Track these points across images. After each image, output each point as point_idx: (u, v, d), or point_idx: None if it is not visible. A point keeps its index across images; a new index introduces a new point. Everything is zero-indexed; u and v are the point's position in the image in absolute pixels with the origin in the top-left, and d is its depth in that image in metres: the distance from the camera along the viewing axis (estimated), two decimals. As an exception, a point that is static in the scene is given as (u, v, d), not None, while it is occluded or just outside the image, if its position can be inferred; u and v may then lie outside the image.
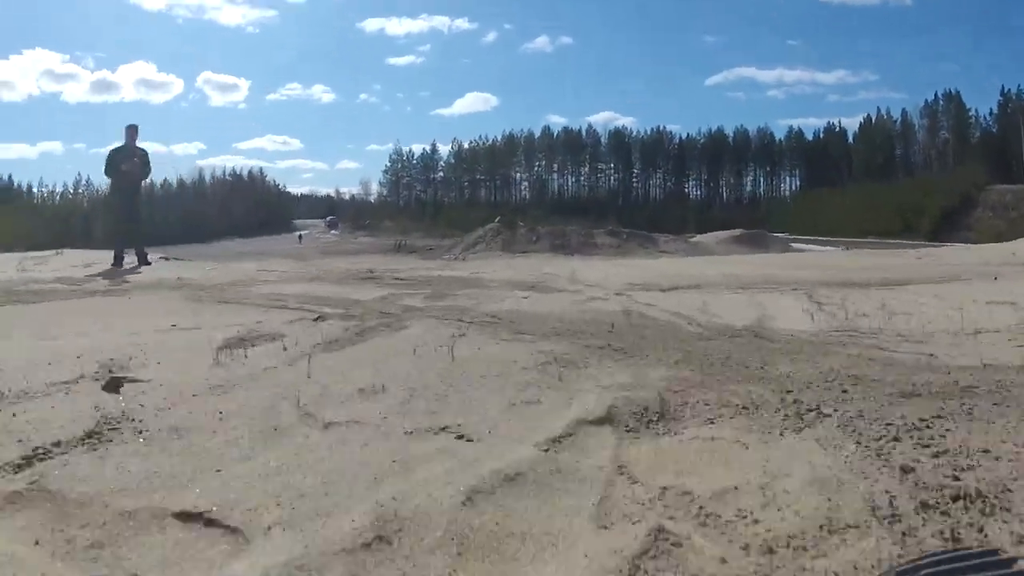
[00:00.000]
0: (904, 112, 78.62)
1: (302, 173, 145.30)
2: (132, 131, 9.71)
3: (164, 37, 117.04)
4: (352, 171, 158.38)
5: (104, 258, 9.55)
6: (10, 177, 78.31)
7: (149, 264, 9.23)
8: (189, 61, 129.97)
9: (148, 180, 10.11)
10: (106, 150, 9.82)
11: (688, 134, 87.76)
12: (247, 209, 69.97)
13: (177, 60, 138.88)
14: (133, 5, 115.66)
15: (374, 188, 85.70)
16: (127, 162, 9.39)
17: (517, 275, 8.06)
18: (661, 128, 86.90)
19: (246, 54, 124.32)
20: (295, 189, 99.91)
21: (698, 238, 34.07)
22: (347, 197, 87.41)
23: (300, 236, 54.52)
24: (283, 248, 39.60)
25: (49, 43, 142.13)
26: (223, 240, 53.17)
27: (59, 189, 76.07)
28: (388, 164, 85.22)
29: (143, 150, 9.89)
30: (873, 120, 79.47)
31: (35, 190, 75.68)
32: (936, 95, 75.44)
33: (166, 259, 10.61)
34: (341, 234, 58.18)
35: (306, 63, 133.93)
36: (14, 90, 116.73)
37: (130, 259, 9.36)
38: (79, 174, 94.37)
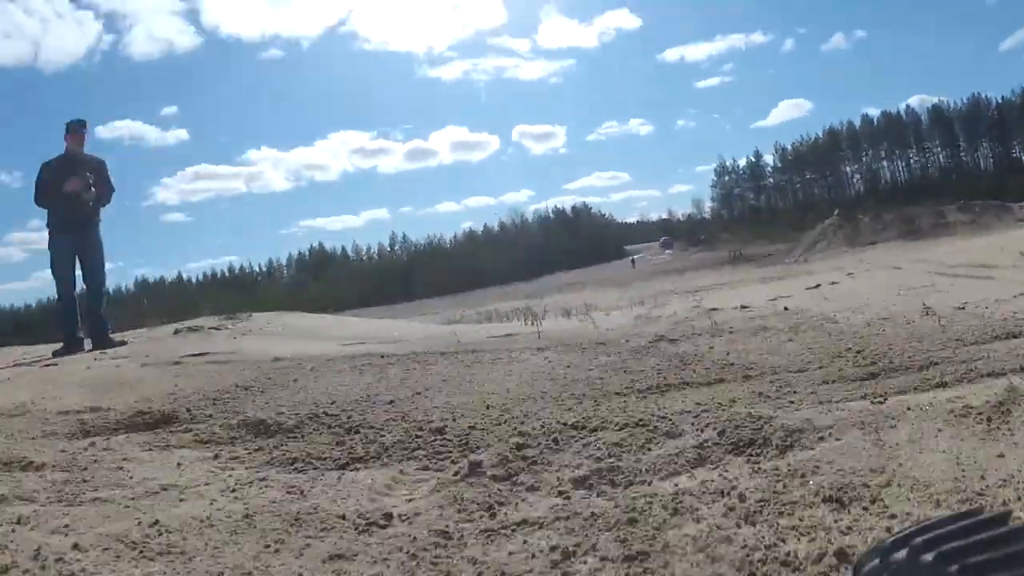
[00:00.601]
0: None
1: (636, 203, 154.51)
2: (77, 131, 6.11)
3: (469, 101, 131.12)
4: (684, 194, 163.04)
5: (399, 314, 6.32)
6: (320, 245, 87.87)
7: (115, 344, 5.72)
8: (500, 118, 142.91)
9: (107, 205, 6.26)
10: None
11: (1003, 96, 77.02)
12: (574, 243, 74.17)
13: (487, 119, 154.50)
14: (432, 79, 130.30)
15: (707, 206, 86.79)
16: (75, 179, 5.85)
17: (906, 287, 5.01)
18: (976, 95, 77.23)
19: (555, 103, 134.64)
20: (630, 218, 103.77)
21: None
22: (681, 218, 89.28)
23: (633, 260, 56.57)
24: (612, 275, 41.81)
25: (353, 125, 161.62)
26: (551, 274, 57.15)
27: (374, 250, 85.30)
28: (715, 178, 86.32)
29: (97, 160, 6.25)
30: None
31: (350, 255, 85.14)
32: None
33: (186, 331, 6.18)
34: (675, 252, 59.20)
35: (616, 101, 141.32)
36: (328, 171, 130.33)
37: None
38: (393, 233, 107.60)
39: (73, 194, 5.86)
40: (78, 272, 6.07)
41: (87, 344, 5.87)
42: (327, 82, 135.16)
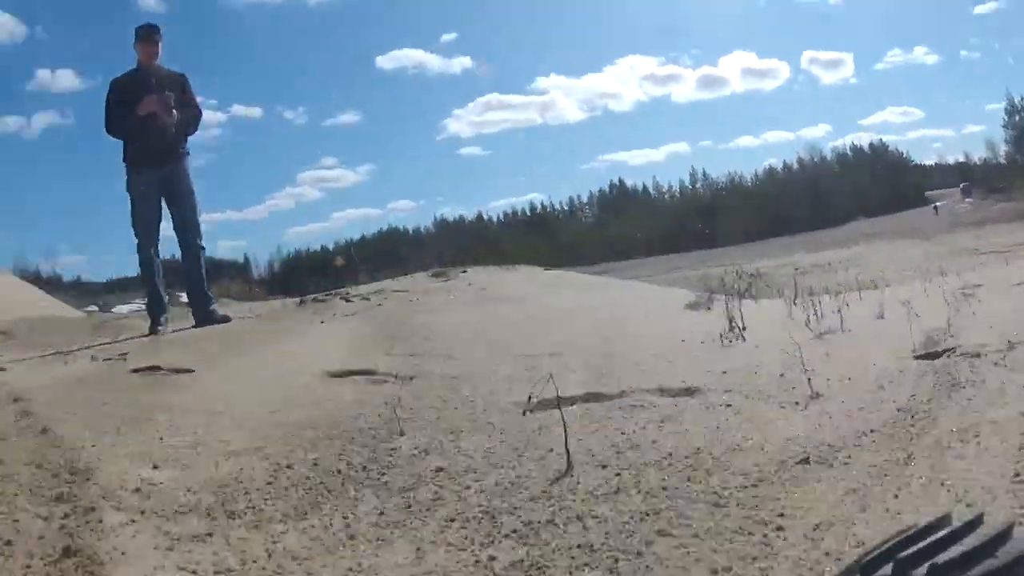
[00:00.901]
0: None
1: (931, 143, 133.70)
2: (148, 39, 4.81)
3: (753, 23, 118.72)
4: (976, 134, 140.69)
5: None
6: (620, 181, 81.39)
7: (219, 320, 4.79)
8: (785, 42, 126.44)
9: (195, 132, 5.01)
10: None
11: None
12: (873, 184, 68.46)
13: (773, 44, 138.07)
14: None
15: (1001, 149, 75.51)
16: (150, 97, 4.65)
17: None
18: None
19: (839, 27, 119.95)
20: (927, 160, 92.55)
21: None
22: (977, 161, 78.94)
23: (936, 207, 54.41)
24: (912, 224, 40.79)
25: (639, 49, 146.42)
26: (852, 222, 54.15)
27: (675, 187, 78.32)
28: (1005, 118, 74.32)
29: (178, 74, 4.95)
30: None
31: (651, 191, 78.91)
32: None
33: (308, 300, 5.99)
34: (975, 201, 56.38)
35: (898, 25, 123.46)
36: (621, 100, 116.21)
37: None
38: (693, 168, 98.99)
39: (149, 117, 4.59)
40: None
41: (166, 322, 4.80)
42: (606, 2, 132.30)
